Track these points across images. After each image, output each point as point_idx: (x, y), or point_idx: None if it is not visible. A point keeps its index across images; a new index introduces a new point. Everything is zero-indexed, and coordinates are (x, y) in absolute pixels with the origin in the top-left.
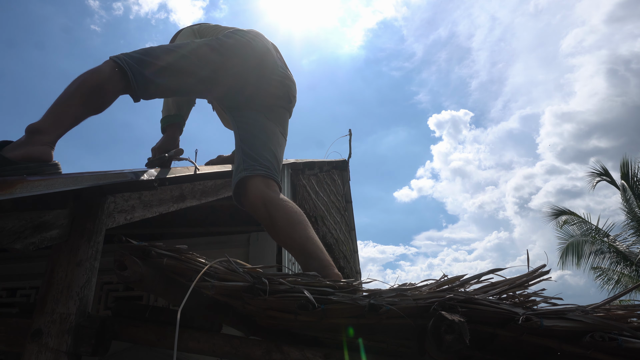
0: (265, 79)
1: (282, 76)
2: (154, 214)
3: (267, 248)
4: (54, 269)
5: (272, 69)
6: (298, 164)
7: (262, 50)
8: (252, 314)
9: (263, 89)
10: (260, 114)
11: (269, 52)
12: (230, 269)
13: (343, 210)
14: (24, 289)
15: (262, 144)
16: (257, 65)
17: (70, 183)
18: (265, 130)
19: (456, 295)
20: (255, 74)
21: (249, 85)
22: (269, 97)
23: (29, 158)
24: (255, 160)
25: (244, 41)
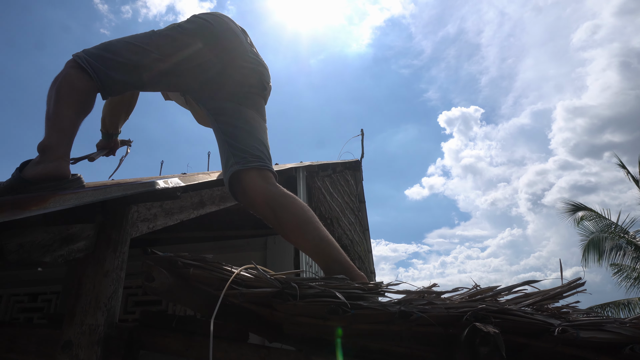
0: (235, 65)
1: (253, 62)
2: (175, 221)
3: (285, 251)
4: (82, 280)
5: (241, 53)
6: (313, 166)
7: (227, 33)
8: (280, 321)
9: (234, 77)
10: (234, 103)
11: (235, 36)
12: (257, 276)
13: (357, 210)
14: (45, 294)
15: (247, 134)
16: (224, 50)
17: (99, 195)
18: (246, 119)
19: (489, 306)
20: (222, 61)
21: (218, 74)
22: (241, 85)
23: (47, 176)
24: (245, 152)
25: (206, 25)
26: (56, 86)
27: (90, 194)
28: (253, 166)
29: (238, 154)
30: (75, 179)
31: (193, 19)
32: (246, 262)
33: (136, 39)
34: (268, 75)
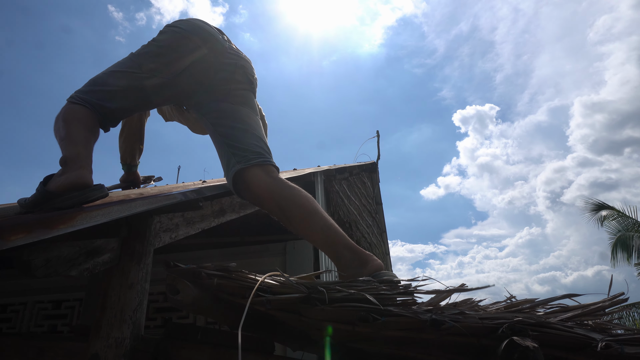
0: (218, 63)
1: (233, 58)
2: (197, 230)
3: (304, 256)
4: (107, 293)
5: (220, 51)
6: (331, 170)
7: (201, 35)
8: (306, 328)
9: (220, 75)
10: (226, 102)
11: (210, 35)
12: (282, 282)
13: (374, 212)
14: (69, 301)
15: (244, 133)
16: (204, 53)
17: (124, 210)
18: (241, 117)
19: (526, 318)
20: (205, 63)
21: (204, 76)
22: (228, 82)
23: (71, 186)
24: (246, 150)
25: (178, 31)
26: (61, 117)
27: (116, 209)
28: (255, 163)
29: (239, 153)
30: (98, 188)
31: (165, 29)
32: (266, 267)
33: (118, 66)
34: (251, 68)
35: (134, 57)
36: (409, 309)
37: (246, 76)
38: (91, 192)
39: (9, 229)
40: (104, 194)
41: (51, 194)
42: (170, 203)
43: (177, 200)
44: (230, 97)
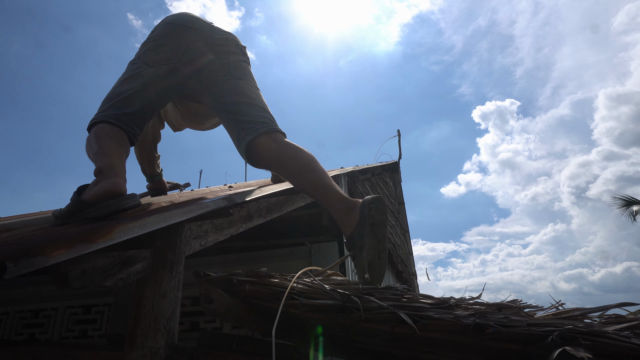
0: (211, 41)
1: (223, 33)
2: (225, 236)
3: (329, 258)
4: (141, 302)
5: (209, 31)
6: (354, 172)
7: (187, 19)
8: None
9: (215, 51)
10: (228, 77)
11: (196, 18)
12: (314, 286)
13: (397, 213)
14: (98, 306)
15: (248, 105)
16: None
17: (160, 221)
18: (244, 91)
19: (577, 327)
20: (199, 43)
21: (202, 56)
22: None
23: (105, 195)
24: (252, 122)
25: (168, 22)
26: (92, 136)
27: (152, 220)
28: (262, 132)
29: (246, 126)
30: (131, 197)
31: (156, 26)
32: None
33: (126, 74)
34: (239, 41)
35: (137, 60)
36: (451, 312)
37: (239, 47)
38: (125, 201)
39: (50, 244)
40: (136, 203)
41: (85, 203)
42: (205, 212)
43: (211, 208)
44: (232, 70)
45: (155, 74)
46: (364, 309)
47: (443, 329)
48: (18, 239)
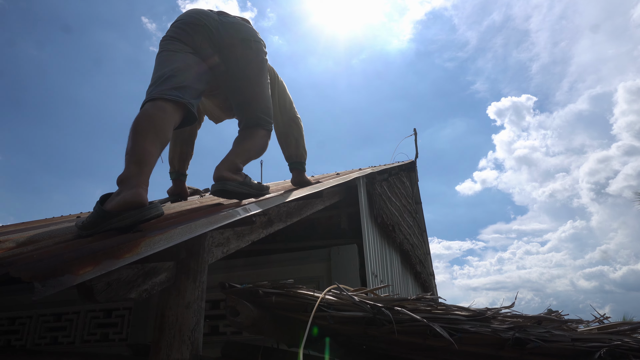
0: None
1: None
2: (247, 242)
3: (349, 261)
4: (164, 313)
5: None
6: (373, 173)
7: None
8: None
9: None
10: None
11: (203, 17)
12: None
13: (414, 212)
14: (119, 310)
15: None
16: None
17: (186, 232)
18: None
19: (626, 342)
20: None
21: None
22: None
23: (127, 205)
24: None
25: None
26: (134, 122)
27: (177, 232)
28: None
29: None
30: (154, 207)
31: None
32: (311, 274)
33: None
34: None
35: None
36: (487, 325)
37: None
38: (147, 211)
39: (77, 262)
40: (159, 213)
41: (109, 213)
42: (230, 222)
43: (236, 218)
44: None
45: (185, 55)
46: (396, 321)
47: (480, 342)
48: (44, 253)
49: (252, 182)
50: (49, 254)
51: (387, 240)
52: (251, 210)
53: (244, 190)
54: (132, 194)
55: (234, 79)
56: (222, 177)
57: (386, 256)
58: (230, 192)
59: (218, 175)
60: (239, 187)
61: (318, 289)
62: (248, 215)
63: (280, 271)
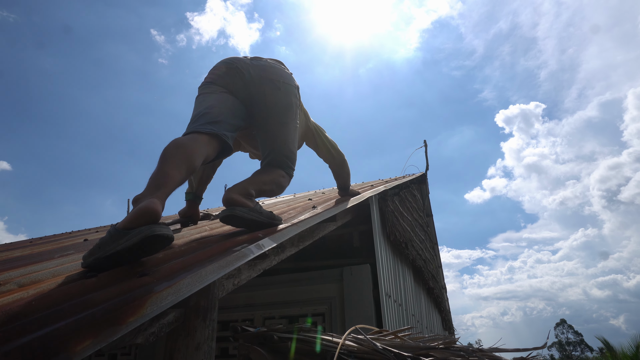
0: (248, 88)
1: (259, 71)
2: (258, 272)
3: (363, 282)
4: (173, 356)
5: (247, 73)
6: (386, 191)
7: (230, 64)
8: None
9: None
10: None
11: (237, 64)
12: (365, 344)
13: (425, 226)
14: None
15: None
16: (237, 81)
17: (196, 283)
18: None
19: None
20: (239, 88)
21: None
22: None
23: (138, 214)
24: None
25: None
26: (166, 150)
27: (186, 283)
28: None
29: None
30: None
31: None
32: (322, 294)
33: (197, 101)
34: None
35: (203, 88)
36: None
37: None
38: (157, 227)
39: (74, 335)
40: (169, 235)
41: (118, 232)
42: (243, 262)
43: (250, 257)
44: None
45: (220, 95)
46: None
47: None
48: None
49: (264, 210)
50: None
51: (399, 257)
52: (265, 247)
53: (254, 217)
54: (146, 203)
55: (261, 117)
56: (231, 199)
57: (399, 274)
58: (239, 218)
59: (228, 197)
60: (249, 214)
61: (330, 311)
62: (262, 252)
63: (291, 291)
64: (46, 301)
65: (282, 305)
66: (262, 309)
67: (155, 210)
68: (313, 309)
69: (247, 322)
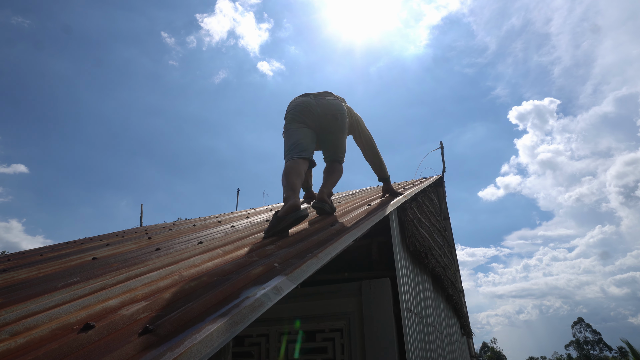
0: (317, 116)
1: (324, 107)
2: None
3: (382, 296)
4: None
5: (315, 106)
6: (406, 202)
7: (301, 105)
8: None
9: (320, 122)
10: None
11: (307, 104)
12: None
13: (443, 230)
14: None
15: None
16: (309, 114)
17: (207, 347)
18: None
19: None
20: (311, 119)
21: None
22: (324, 122)
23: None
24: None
25: (292, 107)
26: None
27: (195, 351)
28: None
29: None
30: (303, 209)
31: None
32: (340, 309)
33: (286, 135)
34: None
35: (288, 126)
36: None
37: (333, 113)
38: (301, 212)
39: None
40: (306, 214)
41: (279, 218)
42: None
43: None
44: (328, 129)
45: (301, 130)
46: None
47: None
48: None
49: (333, 205)
50: None
51: (419, 267)
52: (283, 291)
53: (328, 210)
54: (292, 201)
55: (326, 136)
56: (323, 199)
57: (419, 285)
58: (324, 210)
59: (321, 197)
60: (329, 209)
61: (348, 327)
62: (280, 297)
63: (309, 306)
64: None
65: (298, 320)
66: (278, 324)
67: (298, 204)
68: (331, 324)
69: (262, 338)
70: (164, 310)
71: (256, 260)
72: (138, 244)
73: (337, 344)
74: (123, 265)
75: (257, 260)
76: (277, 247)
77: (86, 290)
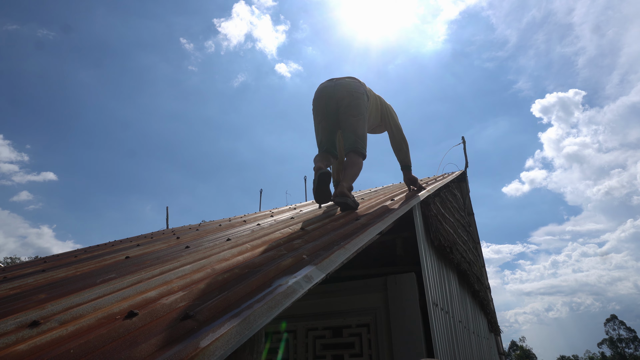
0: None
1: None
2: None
3: (408, 291)
4: None
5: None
6: (429, 197)
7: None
8: None
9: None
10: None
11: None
12: None
13: (467, 225)
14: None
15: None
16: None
17: (245, 330)
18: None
19: None
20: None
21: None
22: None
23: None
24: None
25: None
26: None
27: (234, 333)
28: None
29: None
30: (353, 197)
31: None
32: (366, 304)
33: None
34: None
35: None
36: None
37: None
38: (319, 171)
39: None
40: (325, 172)
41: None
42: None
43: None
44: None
45: (323, 126)
46: None
47: None
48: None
49: (355, 200)
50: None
51: (444, 262)
52: (314, 279)
53: (351, 204)
54: (316, 166)
55: (343, 117)
56: (344, 193)
57: (445, 280)
58: (346, 205)
59: (341, 191)
60: (352, 203)
61: (375, 322)
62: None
63: (333, 302)
64: (85, 347)
65: (325, 316)
66: (305, 320)
67: (320, 166)
68: (357, 319)
69: (290, 334)
70: (201, 299)
71: (285, 253)
72: (167, 244)
73: (364, 339)
74: (156, 262)
75: (285, 253)
76: (304, 241)
77: (124, 284)
